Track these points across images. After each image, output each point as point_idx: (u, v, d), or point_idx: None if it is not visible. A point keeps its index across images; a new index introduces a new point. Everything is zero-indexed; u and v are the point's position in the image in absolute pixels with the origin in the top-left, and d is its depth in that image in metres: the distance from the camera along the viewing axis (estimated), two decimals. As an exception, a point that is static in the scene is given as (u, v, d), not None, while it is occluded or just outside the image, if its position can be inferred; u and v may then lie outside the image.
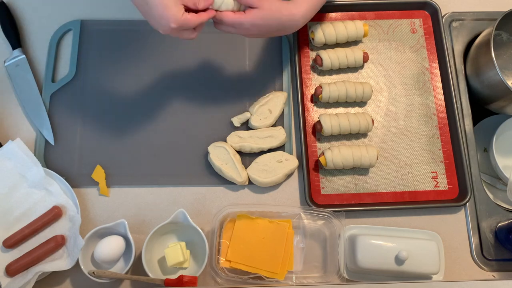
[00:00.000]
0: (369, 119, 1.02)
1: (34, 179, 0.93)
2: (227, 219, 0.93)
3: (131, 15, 1.10)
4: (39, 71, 1.05)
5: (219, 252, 0.91)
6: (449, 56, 1.10)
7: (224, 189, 0.99)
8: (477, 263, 0.97)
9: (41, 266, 0.87)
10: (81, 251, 0.87)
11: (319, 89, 1.03)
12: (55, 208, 0.91)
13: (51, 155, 0.99)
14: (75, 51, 1.06)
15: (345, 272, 0.93)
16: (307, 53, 1.10)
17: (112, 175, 0.99)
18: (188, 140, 1.02)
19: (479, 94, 1.08)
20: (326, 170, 1.01)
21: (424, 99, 1.08)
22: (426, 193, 1.01)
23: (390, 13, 1.14)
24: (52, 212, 0.91)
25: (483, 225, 0.99)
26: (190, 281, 0.85)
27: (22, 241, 0.90)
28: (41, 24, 1.09)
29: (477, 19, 1.15)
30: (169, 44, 1.08)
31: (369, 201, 1.00)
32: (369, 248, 0.90)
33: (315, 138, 1.04)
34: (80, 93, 1.04)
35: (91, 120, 1.02)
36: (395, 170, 1.02)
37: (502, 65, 1.14)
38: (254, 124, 1.00)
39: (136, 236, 0.92)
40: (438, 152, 1.04)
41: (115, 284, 0.91)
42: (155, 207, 0.97)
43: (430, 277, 0.92)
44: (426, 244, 0.91)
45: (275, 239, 0.92)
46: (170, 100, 1.04)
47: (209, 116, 1.04)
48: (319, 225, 0.95)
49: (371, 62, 1.10)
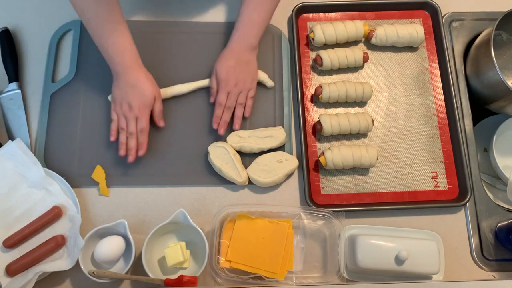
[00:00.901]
0: (369, 119, 1.02)
1: (34, 179, 0.93)
2: (227, 219, 0.93)
3: (131, 15, 1.10)
4: (39, 71, 1.05)
5: (219, 252, 0.91)
6: (449, 56, 1.10)
7: (224, 189, 0.99)
8: (477, 263, 0.97)
9: (41, 266, 0.87)
10: (81, 251, 0.87)
11: (319, 89, 1.03)
12: (55, 208, 0.91)
13: (51, 155, 0.99)
14: (75, 51, 1.07)
15: (345, 272, 0.93)
16: (307, 53, 1.10)
17: (112, 175, 0.98)
18: (188, 140, 1.02)
19: (479, 94, 1.08)
20: (326, 170, 1.01)
21: (424, 99, 1.08)
22: (426, 193, 1.01)
23: (390, 13, 1.14)
24: (52, 212, 0.91)
25: (483, 225, 0.99)
26: (190, 281, 0.85)
27: (22, 241, 0.91)
28: (41, 24, 1.09)
29: (477, 19, 1.15)
30: (169, 44, 1.08)
31: (369, 201, 1.00)
32: (369, 248, 0.90)
33: (315, 138, 1.04)
34: (80, 93, 1.04)
35: (91, 120, 1.02)
36: (395, 170, 1.02)
37: (502, 65, 1.14)
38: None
39: (136, 236, 0.92)
40: (438, 152, 1.04)
41: (115, 284, 0.91)
42: (155, 207, 0.97)
43: (430, 277, 0.92)
44: (426, 244, 0.91)
45: (275, 239, 0.91)
46: (170, 99, 1.04)
47: (209, 116, 1.03)
48: (319, 225, 0.95)
49: (371, 62, 1.10)
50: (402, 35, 1.07)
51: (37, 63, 1.06)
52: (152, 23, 1.10)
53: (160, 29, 1.10)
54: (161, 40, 1.08)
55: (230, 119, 1.01)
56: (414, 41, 1.08)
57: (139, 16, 1.11)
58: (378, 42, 1.09)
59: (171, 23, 1.10)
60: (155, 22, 1.11)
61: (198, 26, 1.10)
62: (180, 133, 1.02)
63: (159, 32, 1.09)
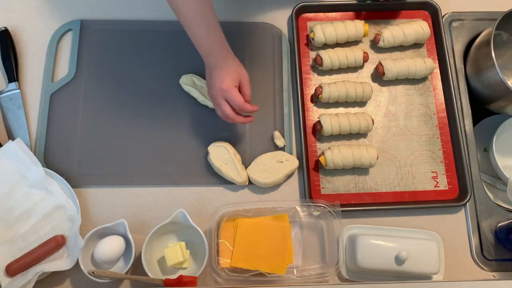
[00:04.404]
0: (369, 119, 1.02)
1: (34, 179, 0.93)
2: (224, 219, 0.93)
3: (131, 15, 1.10)
4: (38, 71, 1.05)
5: (218, 252, 0.91)
6: (449, 56, 1.10)
7: (224, 189, 0.99)
8: (477, 263, 0.97)
9: (41, 266, 0.87)
10: (81, 251, 0.87)
11: (319, 89, 1.03)
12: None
13: (51, 155, 0.99)
14: (75, 51, 1.06)
15: (345, 272, 0.93)
16: (307, 53, 1.10)
17: (112, 175, 0.98)
18: (188, 140, 1.02)
19: (479, 94, 1.08)
20: (326, 170, 1.01)
21: (424, 99, 1.08)
22: (426, 193, 1.01)
23: (390, 13, 1.14)
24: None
25: (483, 225, 0.99)
26: (190, 281, 0.85)
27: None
28: (41, 24, 1.09)
29: (477, 19, 1.15)
30: (169, 44, 1.08)
31: (369, 201, 1.00)
32: (369, 248, 0.90)
33: (315, 138, 1.04)
34: (80, 93, 1.04)
35: (91, 120, 1.02)
36: (395, 170, 1.02)
37: (502, 65, 1.14)
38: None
39: (136, 236, 0.92)
40: (438, 152, 1.04)
41: (115, 284, 0.91)
42: (155, 207, 0.97)
43: (430, 277, 0.92)
44: (426, 244, 0.91)
45: (276, 237, 0.92)
46: (170, 99, 1.04)
47: (209, 116, 1.03)
48: (315, 216, 0.95)
49: (371, 62, 1.10)
50: (408, 33, 1.07)
51: (37, 63, 1.06)
52: (160, 23, 1.10)
53: (165, 28, 1.10)
54: (161, 40, 1.09)
55: None
56: (421, 38, 1.08)
57: (139, 16, 1.11)
58: (386, 45, 1.08)
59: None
60: (162, 22, 1.11)
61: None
62: (180, 133, 1.02)
63: (161, 31, 1.09)
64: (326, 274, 0.91)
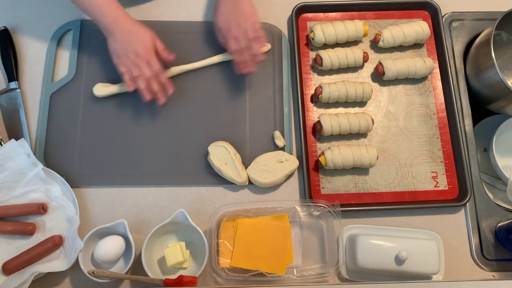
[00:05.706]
0: (369, 119, 1.02)
1: (34, 178, 0.93)
2: (224, 219, 0.93)
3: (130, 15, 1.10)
4: (38, 71, 1.05)
5: (218, 252, 0.91)
6: (449, 56, 1.10)
7: (224, 189, 0.99)
8: (477, 263, 0.97)
9: (38, 266, 0.87)
10: (81, 251, 0.87)
11: (319, 89, 1.03)
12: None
13: (51, 155, 0.99)
14: (75, 51, 1.06)
15: (345, 272, 0.93)
16: (307, 53, 1.10)
17: (112, 175, 0.98)
18: (188, 140, 1.02)
19: (479, 94, 1.08)
20: (326, 170, 1.01)
21: (424, 99, 1.08)
22: (426, 193, 1.01)
23: (390, 13, 1.14)
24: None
25: (483, 225, 0.99)
26: (190, 281, 0.85)
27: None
28: (41, 24, 1.09)
29: (477, 19, 1.15)
30: (169, 44, 1.08)
31: (369, 201, 1.00)
32: (369, 248, 0.90)
33: (315, 138, 1.04)
34: (80, 93, 1.04)
35: (91, 120, 1.02)
36: (395, 170, 1.02)
37: (502, 65, 1.14)
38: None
39: (136, 236, 0.92)
40: (438, 152, 1.04)
41: (115, 284, 0.91)
42: (155, 207, 0.97)
43: (430, 277, 0.92)
44: (426, 244, 0.91)
45: (276, 238, 0.92)
46: (170, 99, 1.04)
47: (209, 115, 1.03)
48: (315, 216, 0.95)
49: (371, 62, 1.10)
50: (408, 33, 1.07)
51: (37, 63, 1.06)
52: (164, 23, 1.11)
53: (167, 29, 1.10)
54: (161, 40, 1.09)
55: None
56: (421, 38, 1.08)
57: (139, 16, 1.11)
58: (385, 45, 1.08)
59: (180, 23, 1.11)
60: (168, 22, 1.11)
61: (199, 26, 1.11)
62: (180, 133, 1.02)
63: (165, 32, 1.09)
64: (326, 274, 0.91)
